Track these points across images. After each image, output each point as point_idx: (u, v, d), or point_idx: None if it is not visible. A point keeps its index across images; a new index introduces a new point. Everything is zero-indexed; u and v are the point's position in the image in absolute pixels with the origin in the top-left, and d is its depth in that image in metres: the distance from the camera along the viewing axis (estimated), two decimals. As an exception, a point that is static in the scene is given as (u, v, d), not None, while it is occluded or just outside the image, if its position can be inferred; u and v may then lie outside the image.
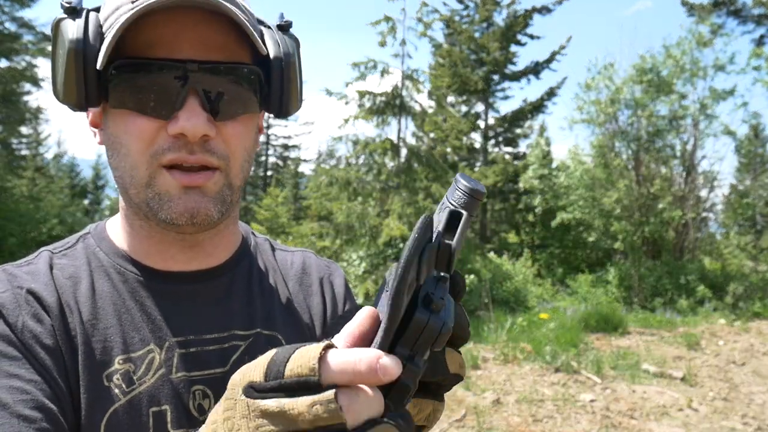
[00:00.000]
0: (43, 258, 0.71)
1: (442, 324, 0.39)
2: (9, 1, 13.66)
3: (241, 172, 0.69)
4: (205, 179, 0.64)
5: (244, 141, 0.68)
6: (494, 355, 7.06)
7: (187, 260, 0.72)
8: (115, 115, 0.64)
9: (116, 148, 0.65)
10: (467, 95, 20.42)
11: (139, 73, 0.61)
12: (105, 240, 0.74)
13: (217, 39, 0.63)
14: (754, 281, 12.27)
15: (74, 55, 0.60)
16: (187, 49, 0.62)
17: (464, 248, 11.24)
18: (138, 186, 0.64)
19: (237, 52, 0.65)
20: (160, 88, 0.61)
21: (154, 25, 0.61)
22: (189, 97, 0.61)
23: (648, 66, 13.37)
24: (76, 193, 28.77)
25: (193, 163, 0.63)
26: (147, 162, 0.63)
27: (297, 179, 30.68)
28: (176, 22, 0.61)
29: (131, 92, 0.61)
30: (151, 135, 0.62)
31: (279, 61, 0.67)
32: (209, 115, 0.63)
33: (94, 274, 0.70)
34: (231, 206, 0.69)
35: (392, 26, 11.20)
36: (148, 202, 0.64)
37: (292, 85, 0.69)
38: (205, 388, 0.68)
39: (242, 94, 0.65)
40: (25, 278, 0.67)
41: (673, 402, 5.46)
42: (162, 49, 0.61)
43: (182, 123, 0.61)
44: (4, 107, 14.14)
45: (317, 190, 12.54)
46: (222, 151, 0.65)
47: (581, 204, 14.29)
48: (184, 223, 0.64)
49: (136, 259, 0.72)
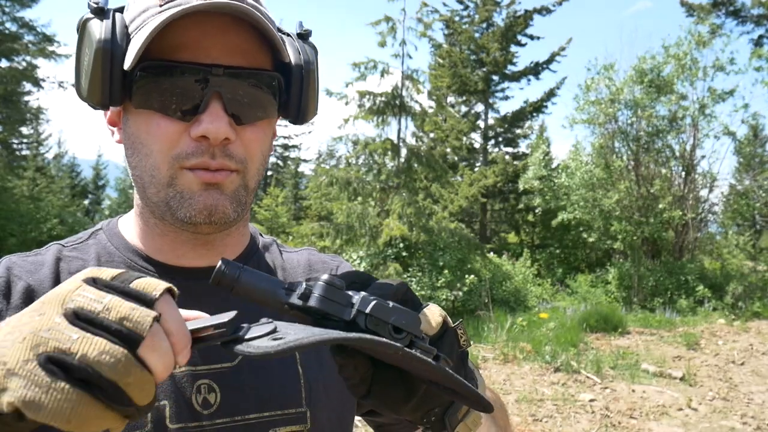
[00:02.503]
0: (52, 250, 0.72)
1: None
2: (9, 1, 13.66)
3: (257, 175, 0.70)
4: (224, 177, 0.65)
5: (262, 145, 0.69)
6: (494, 354, 7.07)
7: (197, 257, 0.73)
8: (137, 116, 0.65)
9: (137, 148, 0.66)
10: (467, 95, 20.42)
11: (164, 76, 0.62)
12: (117, 236, 0.75)
13: (241, 44, 0.64)
14: (753, 281, 12.27)
15: (102, 54, 0.61)
16: (213, 53, 0.63)
17: (464, 248, 11.26)
18: (158, 185, 0.66)
19: (259, 58, 0.66)
20: (185, 90, 0.62)
21: (181, 29, 0.62)
22: (212, 100, 0.63)
23: (647, 67, 13.38)
24: (76, 193, 28.78)
25: (216, 168, 0.65)
26: (169, 163, 0.64)
27: (297, 179, 30.68)
28: (202, 27, 0.63)
29: (156, 94, 0.63)
30: (174, 137, 0.64)
31: (299, 69, 0.69)
32: (231, 118, 0.64)
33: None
34: (246, 207, 0.71)
35: (392, 26, 11.22)
36: (168, 201, 0.66)
37: (310, 93, 0.70)
38: (211, 382, 0.68)
39: (263, 99, 0.67)
40: (26, 269, 0.68)
41: (672, 401, 5.47)
42: (187, 53, 0.62)
43: (205, 126, 0.62)
44: (4, 107, 14.15)
45: (317, 190, 12.56)
46: (241, 155, 0.66)
47: (581, 204, 14.31)
48: (202, 221, 0.65)
49: (148, 254, 0.73)
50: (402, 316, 0.47)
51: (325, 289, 0.47)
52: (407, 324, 0.47)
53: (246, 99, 0.65)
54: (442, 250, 10.80)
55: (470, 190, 16.62)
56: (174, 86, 0.62)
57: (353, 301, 0.47)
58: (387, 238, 10.27)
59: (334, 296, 0.47)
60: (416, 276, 10.24)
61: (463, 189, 16.73)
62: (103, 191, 31.32)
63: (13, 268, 0.68)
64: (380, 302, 0.47)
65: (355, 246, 10.86)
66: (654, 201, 13.72)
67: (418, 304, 0.55)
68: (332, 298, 0.47)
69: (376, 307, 0.46)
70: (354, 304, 0.47)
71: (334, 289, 0.47)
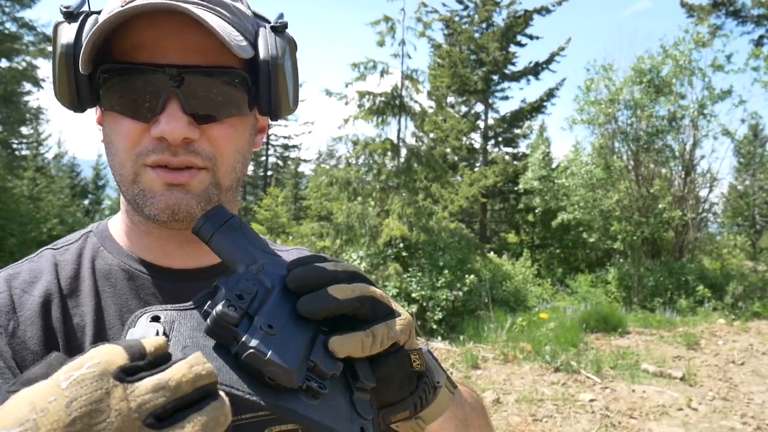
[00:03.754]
0: (45, 257, 0.72)
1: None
2: (10, 2, 13.67)
3: (233, 173, 0.69)
4: (188, 177, 0.65)
5: (235, 142, 0.69)
6: (494, 354, 7.07)
7: (186, 256, 0.73)
8: (108, 117, 0.67)
9: (110, 149, 0.67)
10: (467, 95, 20.44)
11: (124, 77, 0.63)
12: (107, 238, 0.75)
13: (199, 43, 0.64)
14: (753, 281, 12.28)
15: (65, 59, 0.63)
16: (170, 53, 0.63)
17: (464, 248, 11.26)
18: (126, 183, 0.67)
19: (221, 55, 0.65)
20: (143, 92, 0.63)
21: (139, 29, 0.62)
22: (169, 101, 0.63)
23: (646, 67, 13.39)
24: (76, 193, 28.81)
25: (177, 165, 0.64)
26: (132, 161, 0.65)
27: (297, 179, 30.70)
28: (160, 26, 0.63)
29: (117, 95, 0.64)
30: (136, 136, 0.64)
31: (266, 64, 0.68)
32: (190, 118, 0.64)
33: (97, 273, 0.71)
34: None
35: (391, 26, 11.22)
36: (135, 198, 0.66)
37: (279, 87, 0.69)
38: None
39: (227, 96, 0.66)
40: (27, 280, 0.68)
41: (672, 401, 5.47)
42: (145, 53, 0.63)
43: (162, 127, 0.62)
44: (4, 107, 14.15)
45: (317, 190, 12.56)
46: (207, 152, 0.66)
47: (581, 204, 14.32)
48: (166, 219, 0.66)
49: (138, 255, 0.73)
50: (274, 369, 0.46)
51: (215, 320, 0.47)
52: (280, 377, 0.46)
53: (207, 98, 0.64)
54: (442, 250, 10.81)
55: (470, 190, 16.63)
56: (133, 88, 0.63)
57: (239, 338, 0.47)
58: (387, 238, 10.27)
59: (224, 326, 0.47)
60: (416, 276, 10.24)
61: (463, 189, 16.74)
62: (103, 191, 31.33)
63: (12, 281, 0.68)
64: (256, 352, 0.46)
65: (355, 246, 10.86)
66: (654, 201, 13.73)
67: (386, 312, 0.56)
68: (222, 326, 0.47)
69: (250, 356, 0.46)
70: (237, 341, 0.46)
71: (224, 319, 0.47)
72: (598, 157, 14.38)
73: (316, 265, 0.55)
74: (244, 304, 0.49)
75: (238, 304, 0.48)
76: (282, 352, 0.47)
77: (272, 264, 0.56)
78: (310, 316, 0.52)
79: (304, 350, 0.49)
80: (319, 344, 0.51)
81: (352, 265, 0.57)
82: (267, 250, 0.59)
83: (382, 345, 0.53)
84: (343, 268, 0.56)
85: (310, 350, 0.50)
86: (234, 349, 0.46)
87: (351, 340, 0.52)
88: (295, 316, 0.52)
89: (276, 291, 0.53)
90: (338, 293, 0.52)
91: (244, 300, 0.49)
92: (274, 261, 0.57)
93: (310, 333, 0.51)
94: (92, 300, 0.68)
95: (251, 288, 0.51)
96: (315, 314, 0.52)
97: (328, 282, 0.53)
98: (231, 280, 0.51)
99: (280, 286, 0.54)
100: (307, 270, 0.54)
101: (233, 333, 0.47)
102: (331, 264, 0.55)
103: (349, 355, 0.52)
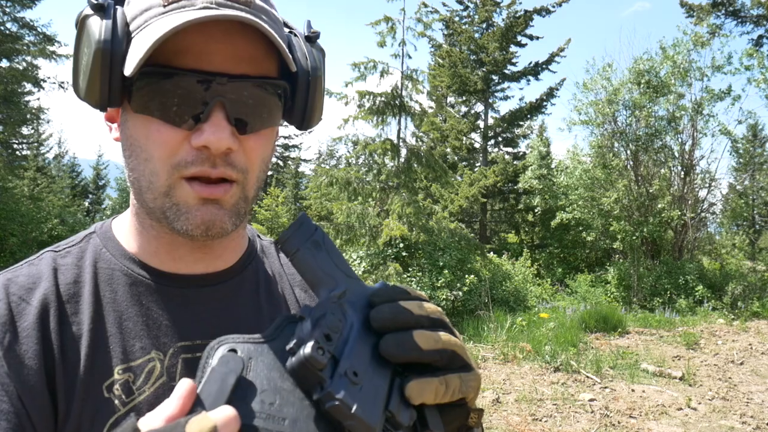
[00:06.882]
0: (45, 261, 0.69)
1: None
2: (10, 2, 13.67)
3: (257, 183, 0.68)
4: (223, 192, 0.63)
5: (264, 153, 0.67)
6: (494, 354, 7.09)
7: (194, 261, 0.71)
8: (137, 119, 0.62)
9: (135, 152, 0.64)
10: (467, 95, 20.45)
11: (165, 81, 0.59)
12: (111, 240, 0.72)
13: (246, 51, 0.62)
14: (752, 281, 12.29)
15: (101, 56, 0.59)
16: (217, 60, 0.60)
17: (464, 248, 11.27)
18: (156, 192, 0.63)
19: (264, 64, 0.64)
20: (187, 98, 0.60)
21: (184, 33, 0.59)
22: (215, 110, 0.60)
23: (645, 68, 13.40)
24: (77, 193, 28.83)
25: (216, 176, 0.62)
26: (168, 172, 0.62)
27: (297, 179, 30.70)
28: (207, 31, 0.60)
29: (156, 99, 0.60)
30: (174, 145, 0.61)
31: (306, 75, 0.66)
32: (234, 128, 0.62)
33: (98, 277, 0.69)
34: (244, 217, 0.69)
35: (391, 26, 11.22)
36: (165, 211, 0.63)
37: (317, 100, 0.68)
38: None
39: (267, 107, 0.64)
40: (25, 286, 0.65)
41: (672, 401, 5.49)
42: (191, 59, 0.60)
43: (207, 136, 0.60)
44: (5, 107, 14.14)
45: (317, 190, 12.54)
46: (242, 164, 0.64)
47: (580, 204, 14.33)
48: (199, 235, 0.64)
49: (144, 260, 0.70)
50: (356, 424, 0.44)
51: (303, 364, 0.44)
52: (357, 428, 0.44)
53: (250, 108, 0.62)
54: (442, 250, 10.81)
55: (470, 190, 16.64)
56: (176, 93, 0.59)
57: (324, 384, 0.45)
58: (387, 238, 10.27)
59: (310, 370, 0.45)
60: (416, 276, 10.25)
61: (463, 189, 16.75)
62: (103, 191, 31.35)
63: (10, 287, 0.65)
64: (342, 405, 0.44)
65: (355, 246, 10.86)
66: (653, 201, 13.75)
67: (461, 364, 0.53)
68: (308, 369, 0.45)
69: (335, 408, 0.44)
70: (322, 387, 0.44)
71: (312, 363, 0.44)
72: (596, 156, 14.40)
73: (402, 305, 0.52)
74: (331, 347, 0.46)
75: (326, 347, 0.45)
76: (366, 407, 0.45)
77: (353, 292, 0.54)
78: (390, 359, 0.50)
79: (384, 401, 0.47)
80: (396, 389, 0.49)
81: (436, 308, 0.55)
82: (347, 272, 0.56)
83: (452, 396, 0.51)
84: (428, 313, 0.53)
85: (389, 399, 0.48)
86: (317, 395, 0.44)
87: (427, 387, 0.50)
88: (376, 357, 0.50)
89: (357, 327, 0.50)
90: (422, 342, 0.50)
91: (332, 342, 0.47)
92: (354, 287, 0.54)
93: (388, 377, 0.49)
94: (91, 307, 0.66)
95: (337, 326, 0.48)
96: (396, 359, 0.50)
97: (413, 327, 0.51)
98: (316, 311, 0.48)
99: (360, 320, 0.51)
100: (393, 312, 0.52)
101: (318, 378, 0.45)
102: (416, 305, 0.53)
103: (422, 402, 0.50)
